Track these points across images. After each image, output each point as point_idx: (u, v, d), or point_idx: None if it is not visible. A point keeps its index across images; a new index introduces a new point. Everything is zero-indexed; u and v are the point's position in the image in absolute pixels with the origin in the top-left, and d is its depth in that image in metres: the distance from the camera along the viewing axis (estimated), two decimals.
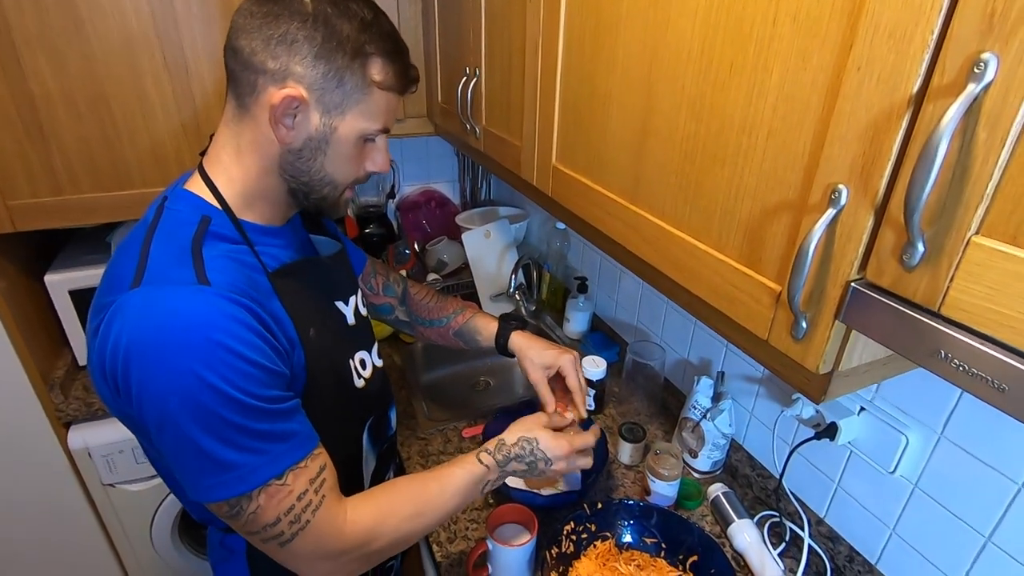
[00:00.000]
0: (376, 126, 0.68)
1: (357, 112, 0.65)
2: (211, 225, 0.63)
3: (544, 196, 0.96)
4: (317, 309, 0.73)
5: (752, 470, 1.10)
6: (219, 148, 0.67)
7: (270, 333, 0.60)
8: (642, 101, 0.67)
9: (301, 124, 0.63)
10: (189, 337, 0.54)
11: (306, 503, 0.61)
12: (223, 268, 0.60)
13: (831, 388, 0.54)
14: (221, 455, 0.56)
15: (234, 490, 0.57)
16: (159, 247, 0.60)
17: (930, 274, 0.40)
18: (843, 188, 0.45)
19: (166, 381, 0.53)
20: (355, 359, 0.78)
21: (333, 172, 0.68)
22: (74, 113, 1.14)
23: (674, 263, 0.67)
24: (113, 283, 0.59)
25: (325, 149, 0.66)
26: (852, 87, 0.43)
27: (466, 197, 2.10)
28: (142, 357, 0.54)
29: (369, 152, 0.71)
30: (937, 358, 0.41)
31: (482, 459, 0.77)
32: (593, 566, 0.90)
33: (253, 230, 0.68)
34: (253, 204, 0.68)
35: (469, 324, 1.06)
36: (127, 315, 0.54)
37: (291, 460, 0.60)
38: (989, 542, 0.73)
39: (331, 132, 0.65)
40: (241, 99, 0.64)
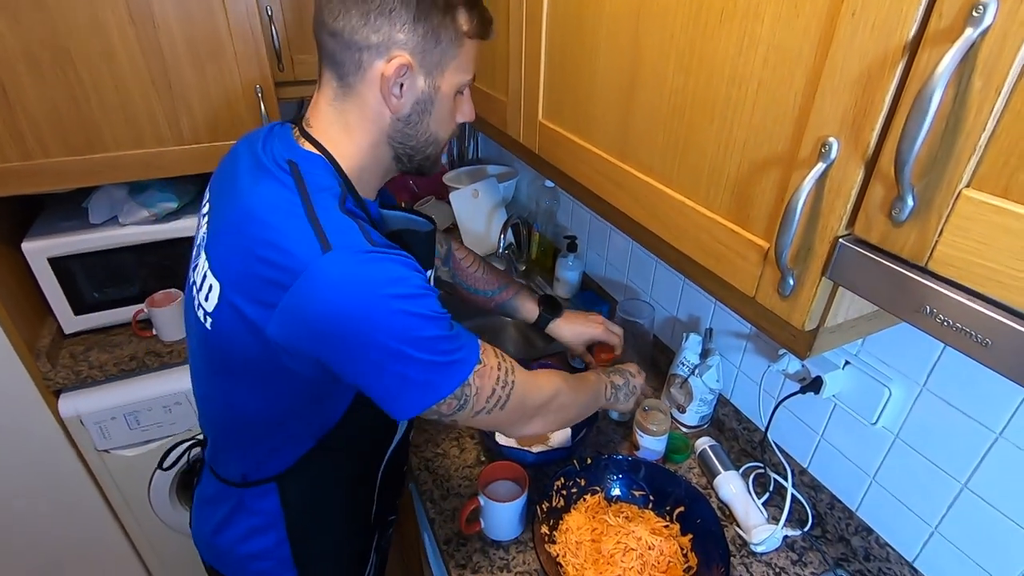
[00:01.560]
0: (468, 76, 0.70)
1: (454, 67, 0.67)
2: (347, 198, 0.66)
3: (531, 154, 0.94)
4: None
5: (738, 423, 1.13)
6: (325, 125, 0.68)
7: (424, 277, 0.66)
8: (630, 52, 0.65)
9: (409, 90, 0.66)
10: (388, 284, 0.59)
11: (505, 369, 0.71)
12: (370, 230, 0.64)
13: (817, 344, 0.54)
14: (440, 360, 0.63)
15: (458, 379, 0.65)
16: (324, 212, 0.62)
17: (919, 229, 0.39)
18: (833, 141, 0.44)
19: (383, 325, 0.59)
20: None
21: (437, 130, 0.71)
22: (37, 72, 1.08)
23: (662, 221, 0.66)
24: (291, 248, 0.60)
25: (431, 109, 0.68)
26: (846, 34, 0.41)
27: (453, 156, 2.06)
28: (358, 313, 0.58)
29: (459, 104, 0.73)
30: (922, 314, 0.40)
31: (606, 377, 0.95)
32: (583, 519, 0.92)
33: (364, 201, 0.72)
34: (362, 177, 0.71)
35: (512, 302, 1.14)
36: (333, 277, 0.58)
37: (476, 346, 0.68)
38: (965, 488, 0.75)
39: (435, 92, 0.67)
40: (344, 79, 0.65)
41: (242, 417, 0.75)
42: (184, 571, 1.73)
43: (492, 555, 0.92)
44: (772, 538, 0.91)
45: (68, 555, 1.59)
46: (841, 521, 0.94)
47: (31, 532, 1.51)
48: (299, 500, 0.81)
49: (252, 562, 0.83)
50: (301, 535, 0.83)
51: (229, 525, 0.81)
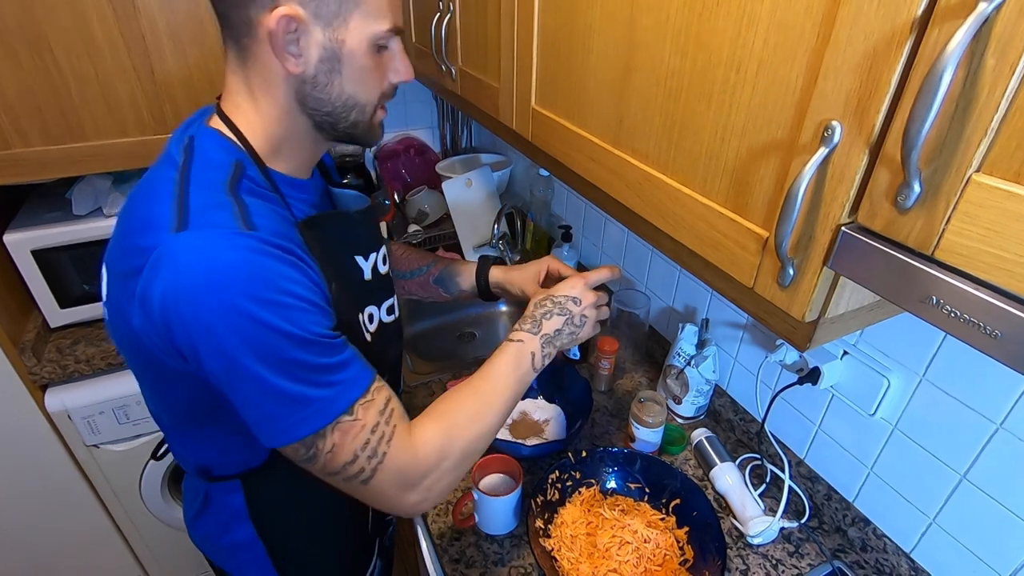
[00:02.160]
0: (384, 25, 0.61)
1: (359, 15, 0.59)
2: (244, 171, 0.60)
3: (524, 141, 0.92)
4: (338, 262, 0.70)
5: (735, 414, 1.12)
6: (233, 94, 0.63)
7: (317, 276, 0.60)
8: (624, 34, 0.62)
9: (306, 47, 0.58)
10: (247, 280, 0.52)
11: (380, 435, 0.60)
12: (264, 214, 0.58)
13: (817, 336, 0.52)
14: (290, 391, 0.55)
15: (309, 427, 0.56)
16: (198, 190, 0.57)
17: (925, 216, 0.38)
18: (836, 125, 0.42)
19: (228, 325, 0.52)
20: (364, 313, 0.76)
21: (355, 92, 0.63)
22: (13, 59, 1.05)
23: (658, 209, 0.64)
24: (149, 225, 0.56)
25: (339, 68, 0.61)
26: (850, 12, 0.39)
27: (446, 144, 2.03)
28: (201, 303, 0.52)
29: (387, 61, 0.65)
30: (928, 304, 0.39)
31: (513, 336, 0.76)
32: (578, 512, 0.91)
33: (280, 181, 0.65)
34: (280, 151, 0.65)
35: (448, 269, 1.03)
36: (178, 260, 0.52)
37: (357, 392, 0.59)
38: (964, 479, 0.74)
39: (340, 47, 0.60)
40: (239, 41, 0.59)
41: (159, 417, 0.72)
42: (176, 565, 1.72)
43: (486, 549, 0.91)
44: (769, 530, 0.90)
45: (60, 551, 1.57)
46: (838, 512, 0.93)
47: (21, 529, 1.49)
48: (267, 502, 0.77)
49: (235, 552, 0.81)
50: (278, 537, 0.80)
51: (205, 515, 0.80)
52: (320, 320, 0.58)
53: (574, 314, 0.78)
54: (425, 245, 1.73)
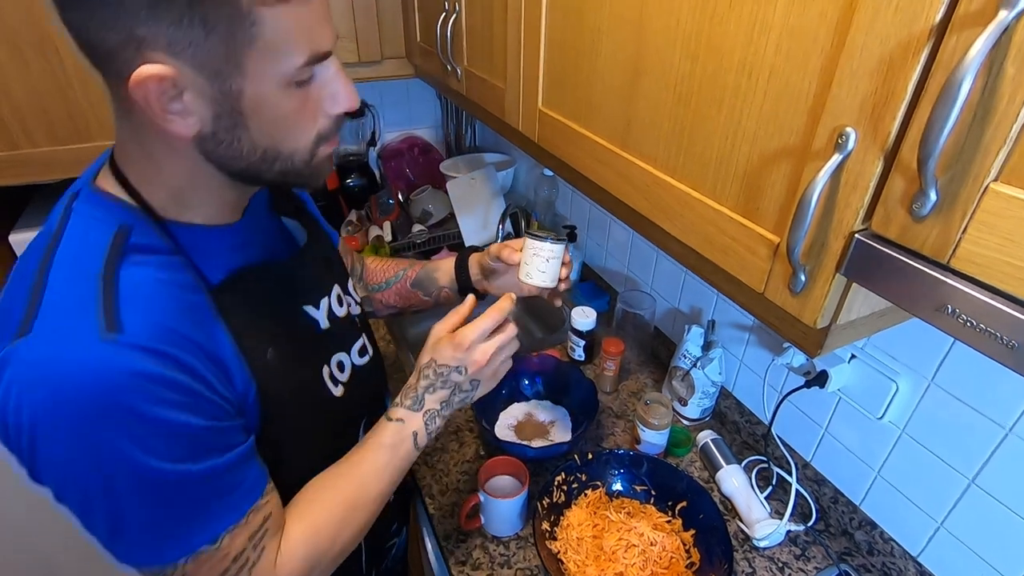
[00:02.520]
0: (299, 59, 0.47)
1: (256, 56, 0.45)
2: (131, 237, 0.50)
3: (530, 142, 0.91)
4: (279, 322, 0.61)
5: (740, 416, 1.11)
6: (124, 142, 0.52)
7: (203, 383, 0.50)
8: (633, 37, 0.62)
9: (192, 103, 0.46)
10: (98, 407, 0.44)
11: (242, 563, 0.53)
12: (145, 298, 0.48)
13: (828, 342, 0.52)
14: (141, 524, 0.48)
15: (155, 561, 0.50)
16: (61, 274, 0.47)
17: (941, 224, 0.37)
18: (851, 131, 0.41)
19: (77, 458, 0.45)
20: (331, 365, 0.68)
21: (276, 142, 0.51)
22: (19, 60, 1.05)
23: (666, 212, 0.64)
24: (2, 317, 0.48)
25: (242, 121, 0.48)
26: (866, 17, 0.39)
27: (450, 143, 2.02)
28: (48, 432, 0.44)
29: (318, 92, 0.51)
30: (943, 313, 0.39)
31: (392, 414, 0.68)
32: (584, 514, 0.91)
33: (191, 234, 0.54)
34: (189, 202, 0.54)
35: (426, 268, 0.96)
36: (20, 376, 0.44)
37: (229, 521, 0.52)
38: (973, 484, 0.74)
39: (236, 99, 0.46)
40: (116, 92, 0.47)
41: None
42: None
43: (492, 551, 0.91)
44: (775, 533, 0.90)
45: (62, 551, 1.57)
46: (845, 515, 0.93)
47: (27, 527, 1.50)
48: None
49: None
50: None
51: None
52: (200, 443, 0.50)
53: (460, 383, 0.69)
54: (429, 245, 1.73)
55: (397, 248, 1.67)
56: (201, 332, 0.51)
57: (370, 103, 1.82)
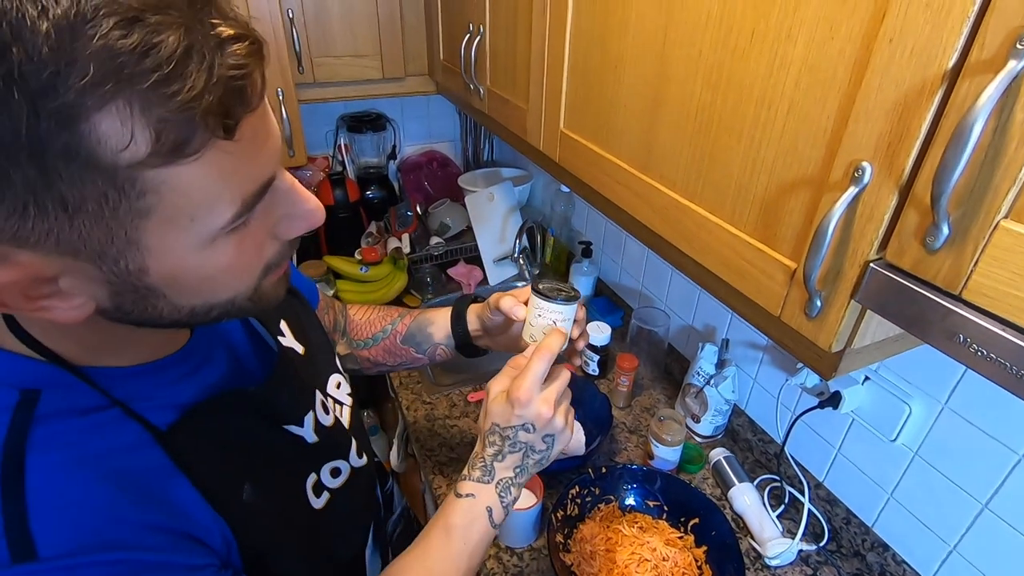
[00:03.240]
0: (226, 214, 0.35)
1: (156, 228, 0.33)
2: (39, 405, 0.38)
3: (551, 162, 0.94)
4: (254, 454, 0.51)
5: (753, 435, 1.12)
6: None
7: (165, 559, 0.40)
8: (655, 67, 0.65)
9: (77, 286, 0.34)
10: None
11: None
12: (68, 488, 0.37)
13: (842, 365, 0.54)
14: None
15: None
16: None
17: (953, 257, 0.39)
18: (867, 166, 0.43)
19: None
20: (322, 473, 0.59)
21: (207, 298, 0.40)
22: None
23: (684, 235, 0.66)
24: None
25: (155, 293, 0.37)
26: (882, 60, 0.41)
27: (468, 158, 2.06)
28: None
29: (262, 225, 0.39)
30: (955, 342, 0.40)
31: (461, 489, 0.58)
32: (597, 528, 0.93)
33: (124, 378, 0.43)
34: (111, 348, 0.43)
35: (417, 321, 0.83)
36: None
37: None
38: (986, 509, 0.74)
39: (139, 276, 0.35)
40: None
41: None
42: None
43: (506, 562, 0.93)
44: (787, 552, 0.90)
45: None
46: (857, 536, 0.93)
47: None
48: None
49: None
50: None
51: None
52: None
53: (532, 443, 0.59)
54: (446, 257, 1.75)
55: (415, 260, 1.70)
56: (154, 505, 0.41)
57: (391, 117, 1.86)
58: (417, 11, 1.42)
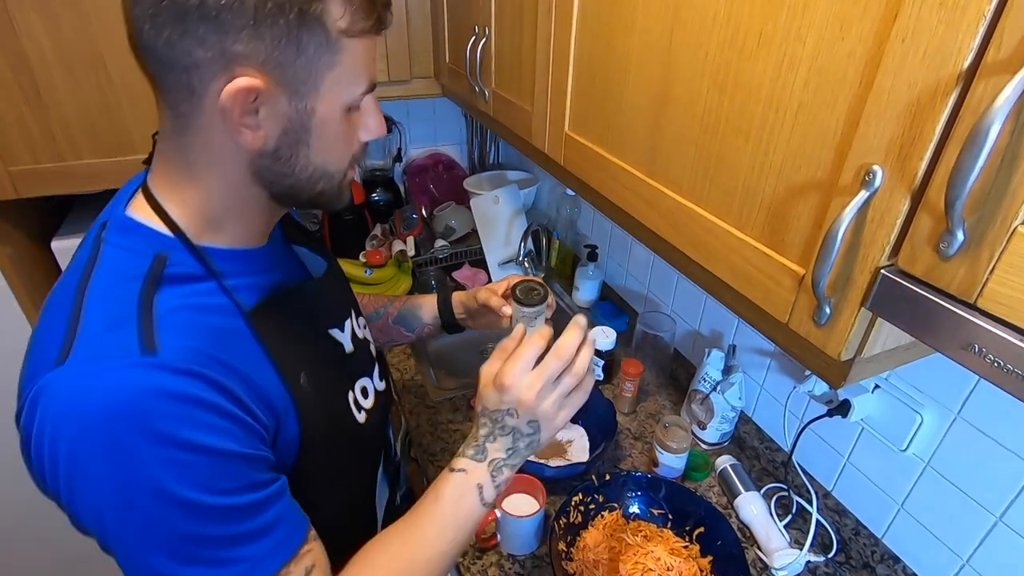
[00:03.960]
0: (361, 87, 0.52)
1: (333, 79, 0.50)
2: (168, 265, 0.50)
3: (556, 165, 0.93)
4: (309, 346, 0.62)
5: (760, 442, 1.11)
6: (165, 165, 0.53)
7: (242, 407, 0.49)
8: (662, 68, 0.64)
9: (268, 118, 0.49)
10: (131, 433, 0.43)
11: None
12: (181, 324, 0.48)
13: (852, 374, 0.52)
14: (178, 570, 0.45)
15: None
16: (96, 302, 0.47)
17: (968, 264, 0.38)
18: (878, 170, 0.42)
19: (106, 492, 0.43)
20: (355, 390, 0.67)
21: (324, 162, 0.54)
22: (71, 76, 1.10)
23: (691, 240, 0.65)
24: (38, 354, 0.47)
25: (307, 139, 0.51)
26: (894, 61, 0.39)
27: (474, 160, 2.06)
28: (70, 459, 0.43)
29: (358, 121, 0.55)
30: (970, 352, 0.39)
31: (454, 465, 0.62)
32: (600, 536, 0.91)
33: (224, 258, 0.54)
34: (222, 224, 0.55)
35: (407, 305, 0.97)
36: (51, 405, 0.43)
37: (272, 566, 0.49)
38: (1000, 522, 0.72)
39: (309, 117, 0.50)
40: (176, 108, 0.48)
41: None
42: None
43: (508, 569, 0.91)
44: (795, 563, 0.89)
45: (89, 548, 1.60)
46: (866, 548, 0.91)
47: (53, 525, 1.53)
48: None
49: None
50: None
51: None
52: (238, 471, 0.48)
53: (519, 428, 0.61)
54: (451, 260, 1.75)
55: (420, 263, 1.69)
56: (238, 357, 0.51)
57: (397, 120, 1.86)
58: (423, 13, 1.41)
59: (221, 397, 0.47)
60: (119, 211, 0.53)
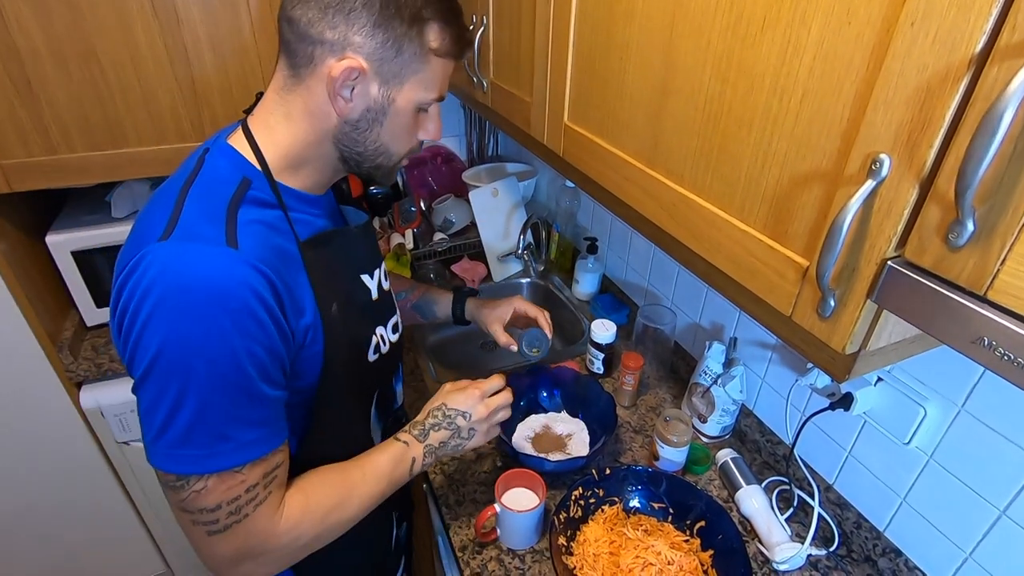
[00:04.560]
0: (432, 95, 0.66)
1: (415, 82, 0.64)
2: (251, 188, 0.62)
3: (555, 156, 0.92)
4: (343, 282, 0.73)
5: (761, 435, 1.10)
6: (267, 112, 0.65)
7: (283, 313, 0.59)
8: (662, 57, 0.62)
9: (360, 95, 0.62)
10: (207, 298, 0.53)
11: (252, 496, 0.59)
12: (254, 234, 0.58)
13: (856, 367, 0.51)
14: (193, 427, 0.54)
15: (191, 468, 0.55)
16: (194, 202, 0.58)
17: (978, 255, 0.37)
18: (885, 158, 0.41)
19: (169, 332, 0.52)
20: (376, 334, 0.78)
21: (389, 142, 0.67)
22: (63, 68, 1.09)
23: (692, 232, 0.63)
24: (142, 235, 0.57)
25: (382, 120, 0.65)
26: (903, 45, 0.38)
27: (473, 153, 2.04)
28: (156, 305, 0.52)
29: (423, 121, 0.69)
30: (980, 345, 0.38)
31: (400, 436, 0.77)
32: (601, 530, 0.91)
33: (291, 196, 0.66)
34: (299, 169, 0.67)
35: (425, 297, 1.12)
36: (151, 266, 0.53)
37: (256, 453, 0.58)
38: (1004, 515, 0.72)
39: (389, 103, 0.64)
40: (296, 69, 0.62)
41: None
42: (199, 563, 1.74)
43: (508, 564, 0.91)
44: (796, 557, 0.88)
45: (86, 545, 1.61)
46: (868, 541, 0.91)
47: (51, 522, 1.53)
48: None
49: None
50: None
51: None
52: (266, 365, 0.57)
53: (462, 428, 0.80)
54: (450, 253, 1.74)
55: (418, 256, 1.68)
56: (290, 273, 0.61)
57: None
58: None
59: (273, 300, 0.57)
60: (221, 140, 0.65)
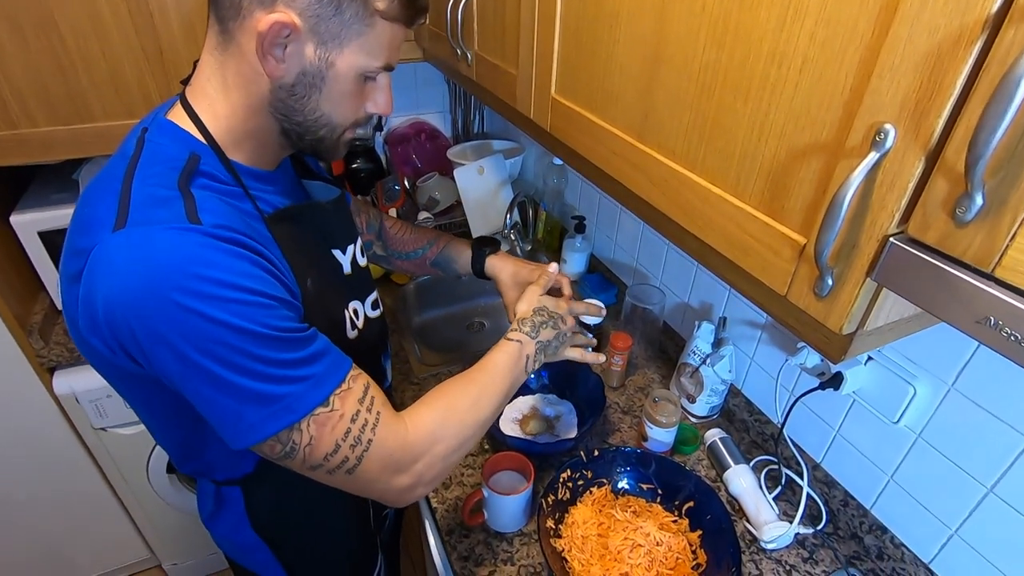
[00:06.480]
0: (377, 63, 0.60)
1: (357, 46, 0.58)
2: (200, 164, 0.57)
3: (542, 131, 0.89)
4: (314, 258, 0.69)
5: (750, 415, 1.10)
6: (203, 79, 0.60)
7: (276, 269, 0.57)
8: (654, 23, 0.59)
9: (293, 56, 0.56)
10: (188, 277, 0.49)
11: (362, 423, 0.58)
12: (215, 209, 0.55)
13: (852, 348, 0.50)
14: (255, 389, 0.52)
15: (279, 423, 0.54)
16: (142, 185, 0.54)
17: (986, 230, 0.35)
18: (890, 128, 0.39)
19: (174, 325, 0.49)
20: (349, 309, 0.74)
21: (330, 112, 0.62)
22: (19, 37, 1.02)
23: (684, 208, 0.61)
24: (91, 224, 0.53)
25: (320, 86, 0.59)
26: (913, 6, 0.36)
27: (458, 129, 1.99)
28: (143, 306, 0.49)
29: (370, 92, 0.64)
30: (985, 325, 0.36)
31: (511, 336, 0.76)
32: (589, 512, 0.90)
33: (244, 173, 0.62)
34: (241, 144, 0.62)
35: (444, 252, 1.05)
36: (114, 261, 0.50)
37: (332, 384, 0.57)
38: (991, 493, 0.72)
39: (327, 67, 0.58)
40: (224, 23, 0.56)
41: (143, 420, 0.69)
42: (186, 549, 1.73)
43: (496, 548, 0.90)
44: (784, 535, 0.88)
45: (68, 535, 1.58)
46: (855, 519, 0.91)
47: (30, 513, 1.50)
48: (267, 508, 0.77)
49: (249, 552, 0.80)
50: (281, 541, 0.79)
51: (219, 515, 0.79)
52: (281, 314, 0.55)
53: (563, 331, 0.80)
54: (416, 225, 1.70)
55: None
56: (263, 245, 0.57)
57: None
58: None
59: (258, 258, 0.55)
60: (160, 117, 0.61)
